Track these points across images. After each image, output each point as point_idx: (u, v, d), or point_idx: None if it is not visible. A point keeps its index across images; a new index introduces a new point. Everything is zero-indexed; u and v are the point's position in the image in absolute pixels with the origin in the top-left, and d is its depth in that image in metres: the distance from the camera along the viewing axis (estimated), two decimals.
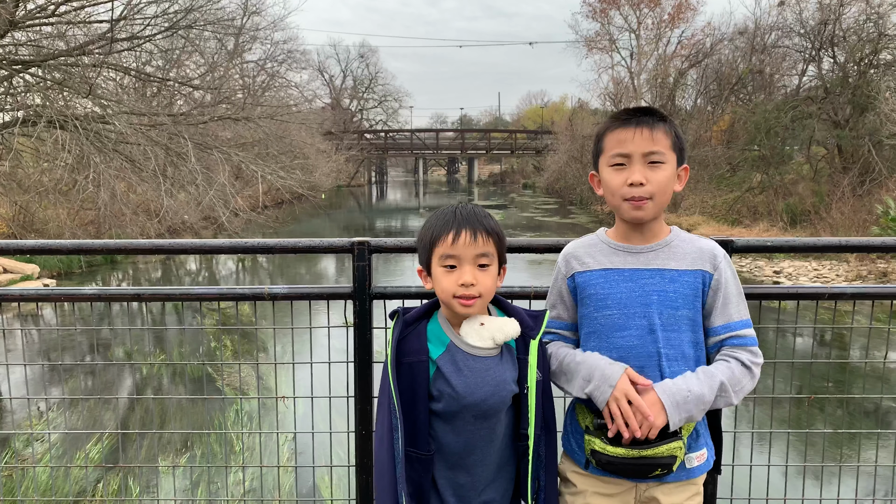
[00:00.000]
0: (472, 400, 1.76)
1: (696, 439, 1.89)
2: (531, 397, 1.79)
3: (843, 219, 17.60)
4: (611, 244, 1.93)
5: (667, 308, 1.84)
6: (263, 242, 2.45)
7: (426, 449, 1.80)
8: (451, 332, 1.83)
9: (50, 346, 7.95)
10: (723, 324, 1.86)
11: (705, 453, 1.91)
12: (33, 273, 14.15)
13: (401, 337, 1.82)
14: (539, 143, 51.53)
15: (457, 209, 1.81)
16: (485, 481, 1.83)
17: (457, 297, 1.76)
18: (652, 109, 1.88)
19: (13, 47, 16.02)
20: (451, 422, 1.79)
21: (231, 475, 5.16)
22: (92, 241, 2.52)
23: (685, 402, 1.75)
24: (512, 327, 1.81)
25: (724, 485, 2.39)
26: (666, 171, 1.83)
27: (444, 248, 1.77)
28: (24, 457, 5.57)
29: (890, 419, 6.34)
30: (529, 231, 25.22)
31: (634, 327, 1.85)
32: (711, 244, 1.92)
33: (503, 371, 1.80)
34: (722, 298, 1.86)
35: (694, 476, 1.90)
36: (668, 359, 1.84)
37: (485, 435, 1.80)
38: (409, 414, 1.78)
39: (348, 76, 61.00)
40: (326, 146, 36.78)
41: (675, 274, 1.86)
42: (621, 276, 1.88)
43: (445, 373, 1.77)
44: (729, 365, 1.83)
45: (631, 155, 1.82)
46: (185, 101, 21.59)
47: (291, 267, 16.45)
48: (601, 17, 39.86)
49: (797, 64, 26.16)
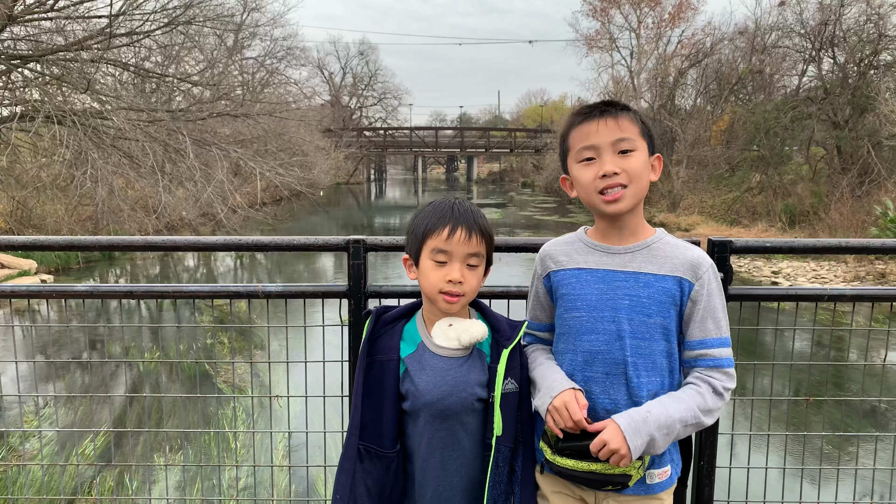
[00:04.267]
0: (430, 398, 1.75)
1: (661, 456, 1.79)
2: (495, 406, 1.75)
3: (841, 220, 17.61)
4: (588, 243, 1.85)
5: (638, 314, 1.74)
6: (258, 240, 2.43)
7: (391, 447, 1.79)
8: (424, 332, 1.83)
9: (45, 343, 7.92)
10: (699, 339, 1.75)
11: (668, 470, 1.81)
12: (31, 269, 14.13)
13: (375, 335, 1.83)
14: (538, 141, 51.51)
15: (454, 204, 1.80)
16: (451, 489, 1.80)
17: (443, 292, 1.75)
18: (613, 101, 1.80)
19: (11, 42, 15.98)
20: (415, 421, 1.79)
21: (226, 473, 5.14)
22: (85, 238, 2.50)
23: (644, 423, 1.65)
24: (478, 329, 1.79)
25: (721, 486, 2.37)
26: (638, 158, 1.73)
27: (437, 241, 1.75)
28: (18, 454, 5.55)
29: (888, 421, 6.32)
30: (528, 230, 25.21)
31: (602, 332, 1.76)
32: (698, 253, 1.79)
33: (466, 373, 1.77)
34: (701, 312, 1.74)
35: (654, 492, 1.80)
36: (636, 367, 1.74)
37: (444, 437, 1.77)
38: (377, 411, 1.79)
39: (348, 73, 60.99)
40: (325, 143, 36.76)
41: (650, 279, 1.75)
42: (593, 276, 1.79)
43: (411, 371, 1.78)
44: (699, 390, 1.72)
45: (599, 146, 1.74)
46: (183, 98, 21.52)
47: (290, 264, 16.43)
48: (601, 16, 39.90)
49: (797, 64, 26.20)
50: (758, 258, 16.39)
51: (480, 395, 1.78)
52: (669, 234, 1.85)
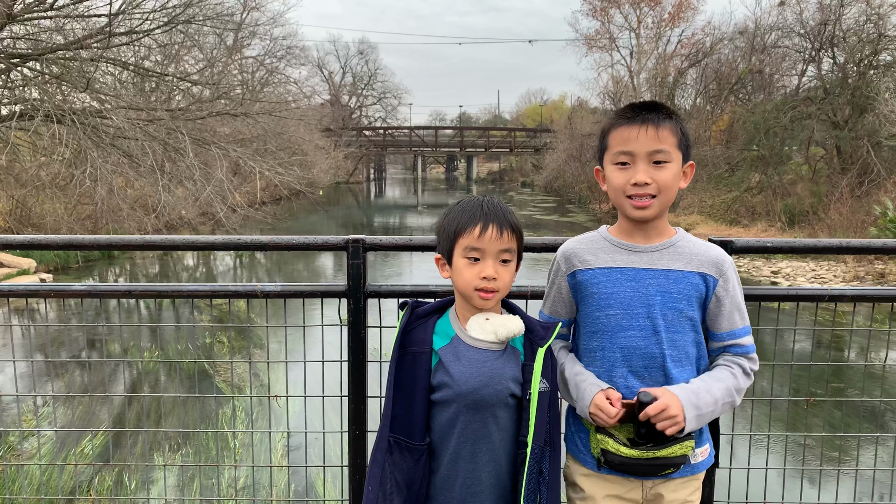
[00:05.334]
0: (465, 388, 1.76)
1: (700, 435, 1.89)
2: (532, 404, 1.77)
3: (841, 219, 17.61)
4: (613, 242, 1.90)
5: (670, 309, 1.83)
6: (257, 239, 2.42)
7: (421, 440, 1.80)
8: (458, 326, 1.85)
9: (44, 342, 7.91)
10: (728, 331, 1.88)
11: (708, 448, 1.92)
12: (30, 267, 14.11)
13: (408, 328, 1.85)
14: (538, 141, 51.51)
15: (483, 202, 1.83)
16: (479, 485, 1.80)
17: (478, 289, 1.78)
18: (658, 105, 1.83)
19: (11, 41, 15.95)
20: (446, 411, 1.80)
21: (225, 473, 5.13)
22: (83, 237, 2.49)
23: (700, 406, 1.77)
24: (515, 324, 1.81)
25: (722, 487, 2.37)
26: (671, 171, 1.80)
27: (469, 239, 1.78)
28: (16, 453, 5.54)
29: (888, 422, 6.32)
30: (528, 229, 24.93)
31: (638, 328, 1.83)
32: (719, 251, 1.90)
33: (501, 366, 1.80)
34: (728, 306, 1.87)
35: (697, 471, 1.90)
36: (673, 360, 1.83)
37: (477, 429, 1.78)
38: (408, 403, 1.80)
39: (347, 73, 60.96)
40: (325, 143, 36.74)
41: (679, 275, 1.84)
42: (624, 275, 1.86)
43: (445, 362, 1.79)
44: (733, 371, 1.86)
45: (635, 154, 1.79)
46: (183, 97, 21.50)
47: (289, 263, 16.41)
48: (601, 16, 39.91)
49: (797, 64, 26.18)
50: (757, 258, 16.39)
51: (514, 390, 1.80)
52: (688, 234, 1.93)
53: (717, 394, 1.80)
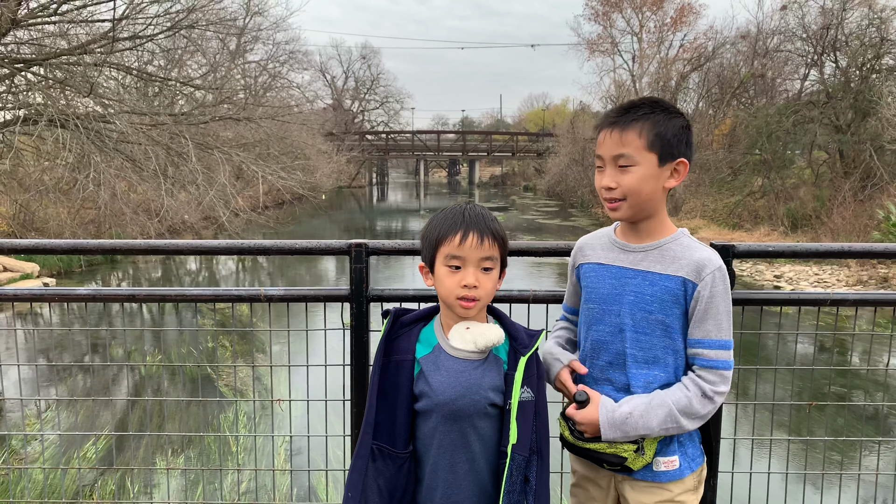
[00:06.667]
0: (443, 398, 1.76)
1: (668, 444, 1.85)
2: (513, 414, 1.76)
3: (844, 223, 17.59)
4: (612, 239, 1.95)
5: (640, 310, 1.83)
6: (260, 244, 2.42)
7: (404, 448, 1.80)
8: (441, 335, 1.85)
9: (47, 346, 7.93)
10: (697, 338, 1.80)
11: (675, 460, 1.85)
12: (33, 272, 14.15)
13: (392, 336, 1.85)
14: (540, 145, 51.55)
15: (465, 210, 1.81)
16: (460, 493, 1.79)
17: (459, 297, 1.77)
18: (638, 105, 1.81)
19: (15, 46, 16.01)
20: (428, 421, 1.80)
21: (227, 477, 5.13)
22: (87, 241, 2.50)
23: (623, 424, 1.78)
24: (494, 333, 1.80)
25: (724, 492, 2.37)
26: (636, 174, 1.78)
27: (450, 248, 1.77)
28: (19, 457, 5.54)
29: (891, 426, 6.30)
30: (530, 234, 25.20)
31: (607, 324, 1.89)
32: (707, 255, 1.82)
33: (480, 376, 1.78)
34: (701, 312, 1.78)
35: (661, 480, 1.84)
36: (636, 360, 1.84)
37: (455, 439, 1.77)
38: (391, 412, 1.80)
39: (350, 77, 61.05)
40: (327, 147, 36.76)
41: (655, 277, 1.83)
42: (609, 272, 1.91)
43: (426, 371, 1.80)
44: (688, 394, 1.78)
45: (604, 158, 1.84)
46: (186, 101, 21.54)
47: (292, 268, 16.43)
48: (603, 20, 39.96)
49: (799, 68, 26.19)
50: (760, 262, 16.37)
51: (494, 399, 1.78)
52: (688, 236, 1.88)
53: (654, 421, 1.76)
